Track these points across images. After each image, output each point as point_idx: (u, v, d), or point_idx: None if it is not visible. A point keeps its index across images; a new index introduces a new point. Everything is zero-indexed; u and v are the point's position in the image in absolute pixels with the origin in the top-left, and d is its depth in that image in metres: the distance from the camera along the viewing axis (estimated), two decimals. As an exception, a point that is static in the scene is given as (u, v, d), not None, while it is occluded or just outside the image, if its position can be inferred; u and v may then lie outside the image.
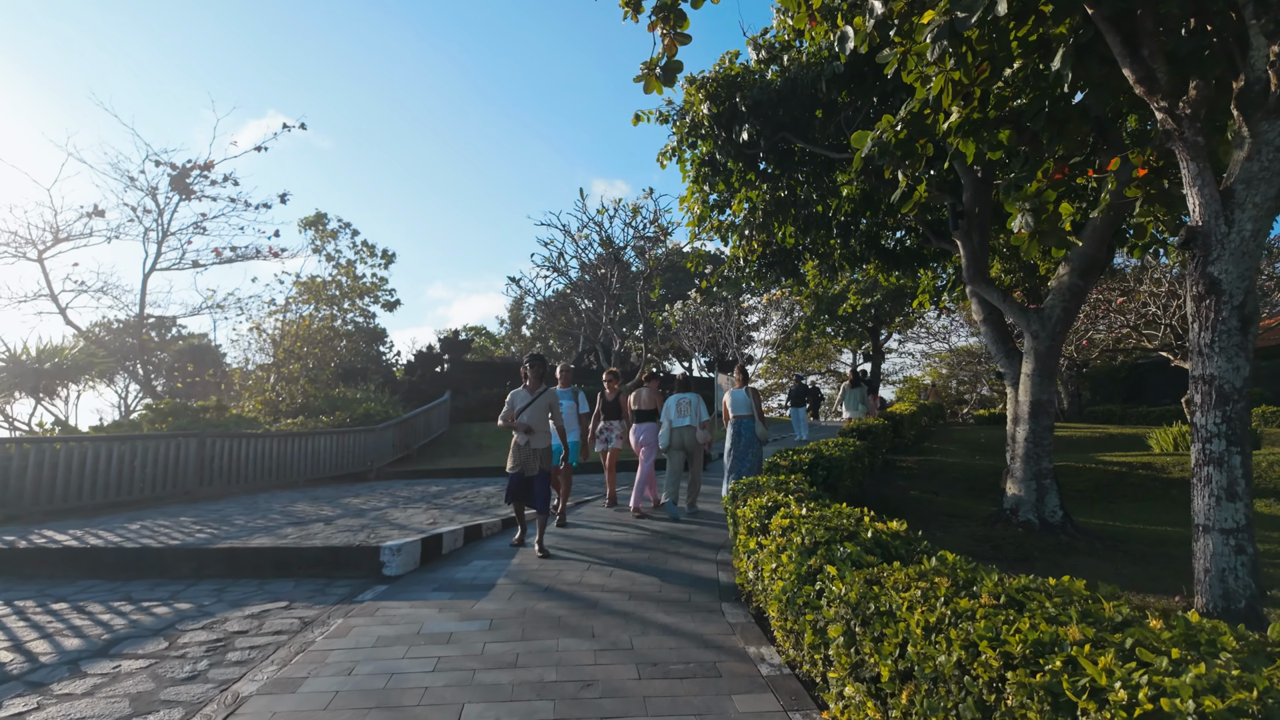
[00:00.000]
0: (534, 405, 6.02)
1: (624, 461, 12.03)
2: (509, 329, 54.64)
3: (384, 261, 21.55)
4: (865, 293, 26.59)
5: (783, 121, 7.68)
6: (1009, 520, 7.25)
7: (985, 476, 10.97)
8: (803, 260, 10.96)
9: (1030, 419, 7.21)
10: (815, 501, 4.28)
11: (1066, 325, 7.21)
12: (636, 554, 5.91)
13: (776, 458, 7.24)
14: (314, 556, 5.61)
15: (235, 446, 10.54)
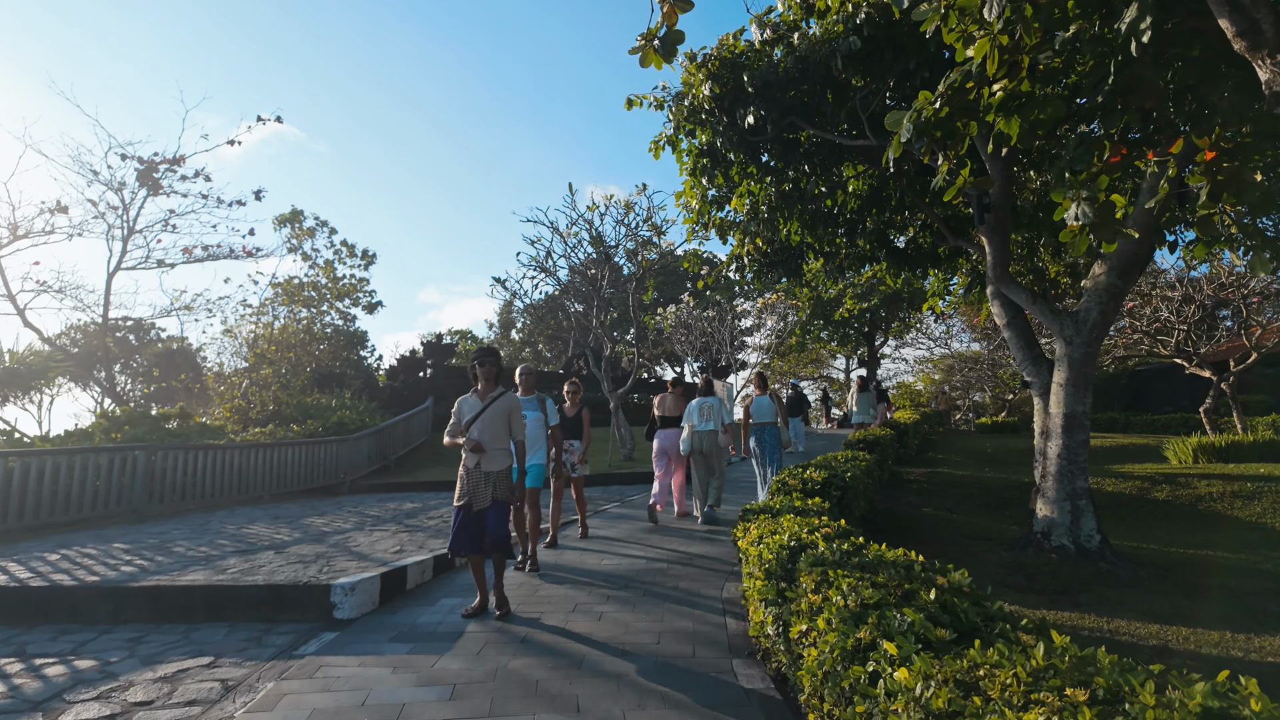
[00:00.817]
0: (486, 415, 4.67)
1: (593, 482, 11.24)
2: (498, 333, 53.76)
3: (364, 262, 20.68)
4: (862, 297, 26.02)
5: (792, 105, 6.98)
6: (1040, 545, 6.56)
7: (999, 491, 10.31)
8: (806, 259, 10.27)
9: (1064, 433, 6.53)
10: (847, 541, 3.54)
11: (1103, 330, 6.54)
12: (629, 589, 5.16)
13: (785, 475, 6.53)
14: (253, 596, 4.81)
15: (191, 459, 9.68)
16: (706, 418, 7.65)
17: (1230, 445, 10.87)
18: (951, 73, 4.76)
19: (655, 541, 6.85)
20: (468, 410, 4.76)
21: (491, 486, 4.62)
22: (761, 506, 4.76)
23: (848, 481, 6.44)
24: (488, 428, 4.67)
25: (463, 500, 4.60)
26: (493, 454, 4.64)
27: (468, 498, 4.57)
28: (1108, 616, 4.66)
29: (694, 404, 7.81)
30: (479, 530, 4.53)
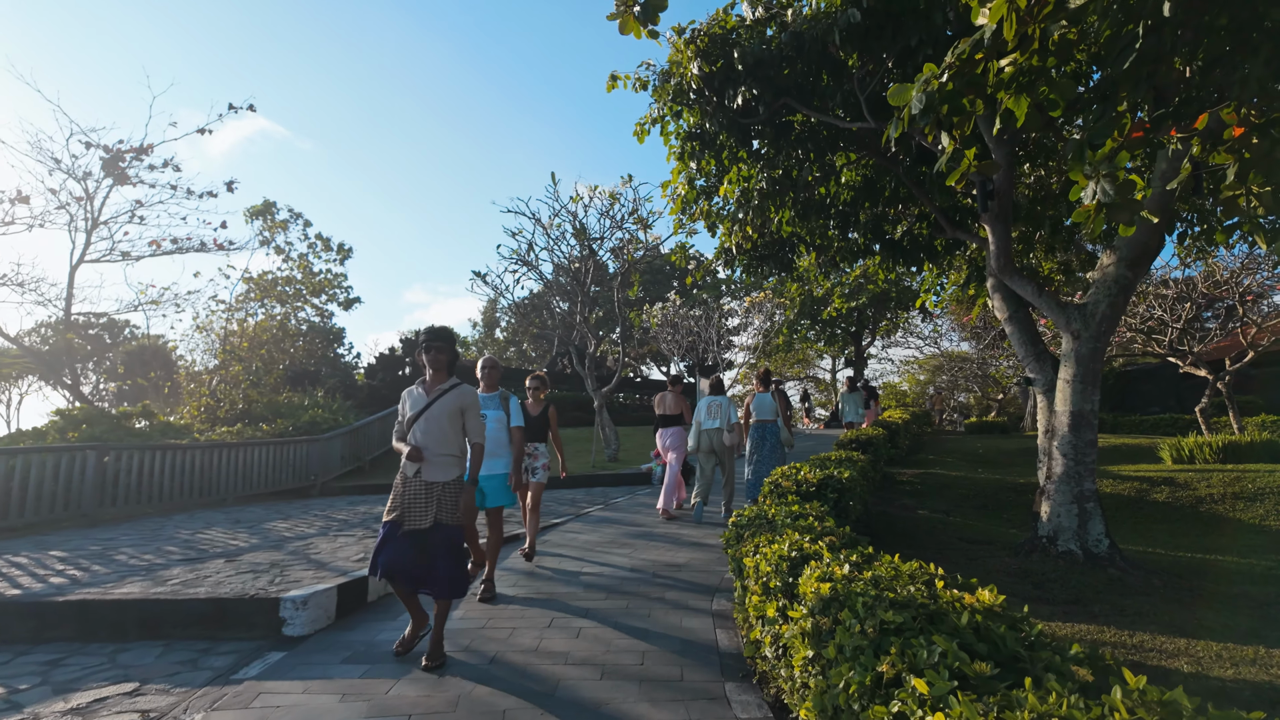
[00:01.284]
0: (432, 412, 3.77)
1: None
2: (482, 332, 53.06)
3: (339, 256, 20.05)
4: (850, 296, 25.78)
5: (785, 85, 6.60)
6: (1046, 550, 6.22)
7: (995, 493, 10.00)
8: (798, 252, 9.91)
9: (1070, 432, 6.20)
10: (855, 551, 3.15)
11: (1113, 323, 6.22)
12: (612, 600, 4.74)
13: (778, 477, 6.15)
14: (194, 612, 4.33)
15: (149, 460, 9.12)
16: (714, 416, 7.72)
17: (1227, 445, 10.65)
18: (960, 43, 4.40)
19: (640, 547, 6.43)
20: (411, 406, 3.85)
21: (434, 503, 3.64)
22: (755, 513, 4.36)
23: (844, 483, 6.06)
24: (433, 428, 3.76)
25: (393, 514, 3.64)
26: (437, 461, 3.72)
27: (399, 512, 3.62)
28: (1129, 630, 4.31)
29: (702, 402, 7.88)
30: (414, 556, 3.58)
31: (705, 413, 7.76)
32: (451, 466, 3.79)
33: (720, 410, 7.75)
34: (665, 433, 8.20)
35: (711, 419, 7.70)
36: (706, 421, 7.71)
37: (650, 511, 8.42)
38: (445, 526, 3.68)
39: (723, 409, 7.77)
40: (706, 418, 7.73)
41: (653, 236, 12.83)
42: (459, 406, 3.86)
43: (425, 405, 3.82)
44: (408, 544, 3.58)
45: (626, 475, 11.52)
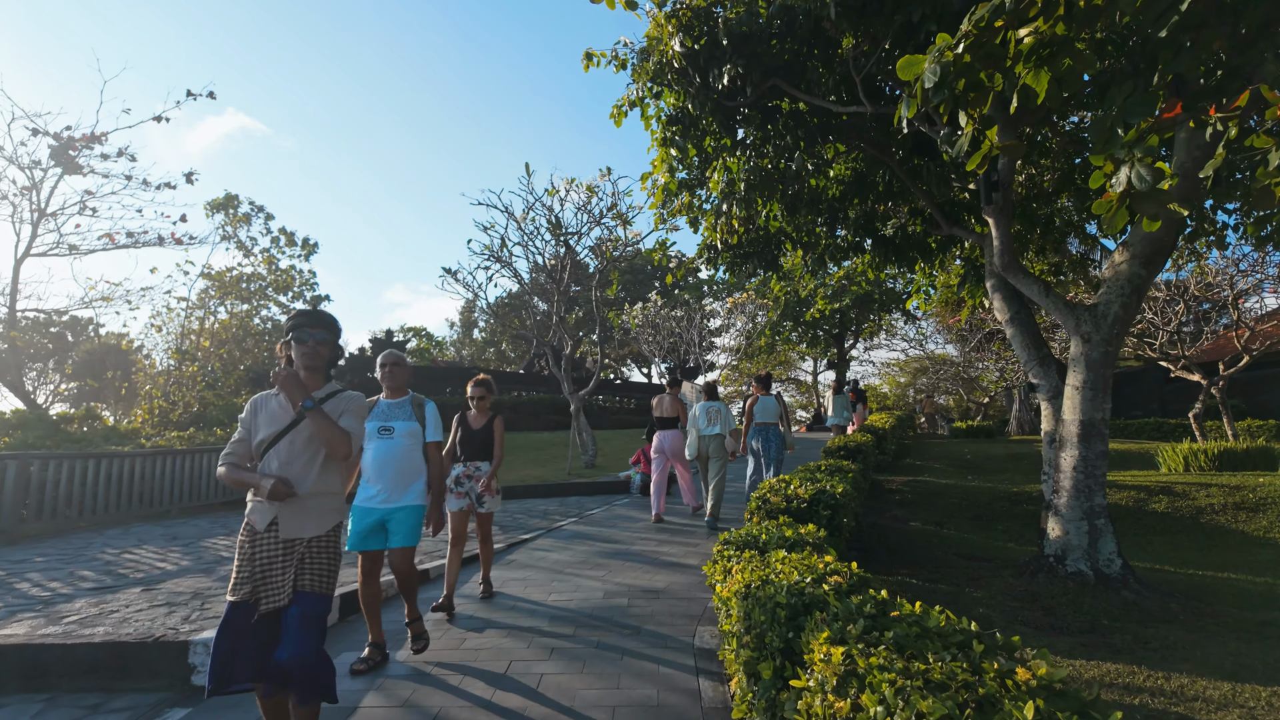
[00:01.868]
0: (300, 431, 2.62)
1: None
2: (459, 333, 52.15)
3: (304, 251, 19.19)
4: (833, 297, 25.43)
5: (774, 63, 6.08)
6: (1054, 570, 5.76)
7: (988, 502, 9.58)
8: (784, 250, 9.41)
9: (1080, 442, 5.74)
10: (867, 598, 2.60)
11: (1126, 325, 5.78)
12: (581, 637, 4.16)
13: (766, 491, 5.62)
14: (86, 658, 3.68)
15: (81, 469, 8.36)
16: (712, 422, 7.57)
17: (1223, 453, 10.35)
18: (978, 8, 3.89)
19: (615, 568, 5.86)
20: (266, 422, 2.63)
21: (294, 566, 2.51)
22: (743, 538, 3.81)
23: (838, 499, 5.54)
24: (300, 455, 2.59)
25: (241, 591, 2.46)
26: (308, 505, 2.58)
27: (249, 586, 2.46)
28: (1161, 670, 3.82)
29: (698, 407, 7.70)
30: (265, 644, 2.44)
31: (704, 418, 7.57)
32: (328, 512, 2.65)
33: (720, 416, 7.61)
34: (663, 435, 7.99)
35: (711, 425, 7.53)
36: (706, 428, 7.53)
37: (627, 525, 7.86)
38: (309, 597, 2.51)
39: (721, 415, 7.63)
40: (706, 424, 7.54)
41: (632, 233, 12.30)
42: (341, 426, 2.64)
43: (291, 422, 2.59)
44: (261, 631, 2.45)
45: (604, 484, 10.94)
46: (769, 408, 8.05)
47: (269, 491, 2.46)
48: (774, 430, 7.96)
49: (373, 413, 3.96)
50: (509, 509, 9.33)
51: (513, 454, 15.76)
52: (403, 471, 3.86)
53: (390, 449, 3.88)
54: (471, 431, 4.99)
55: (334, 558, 2.65)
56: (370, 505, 3.81)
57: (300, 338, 2.67)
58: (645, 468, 10.03)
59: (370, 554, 3.83)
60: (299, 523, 2.58)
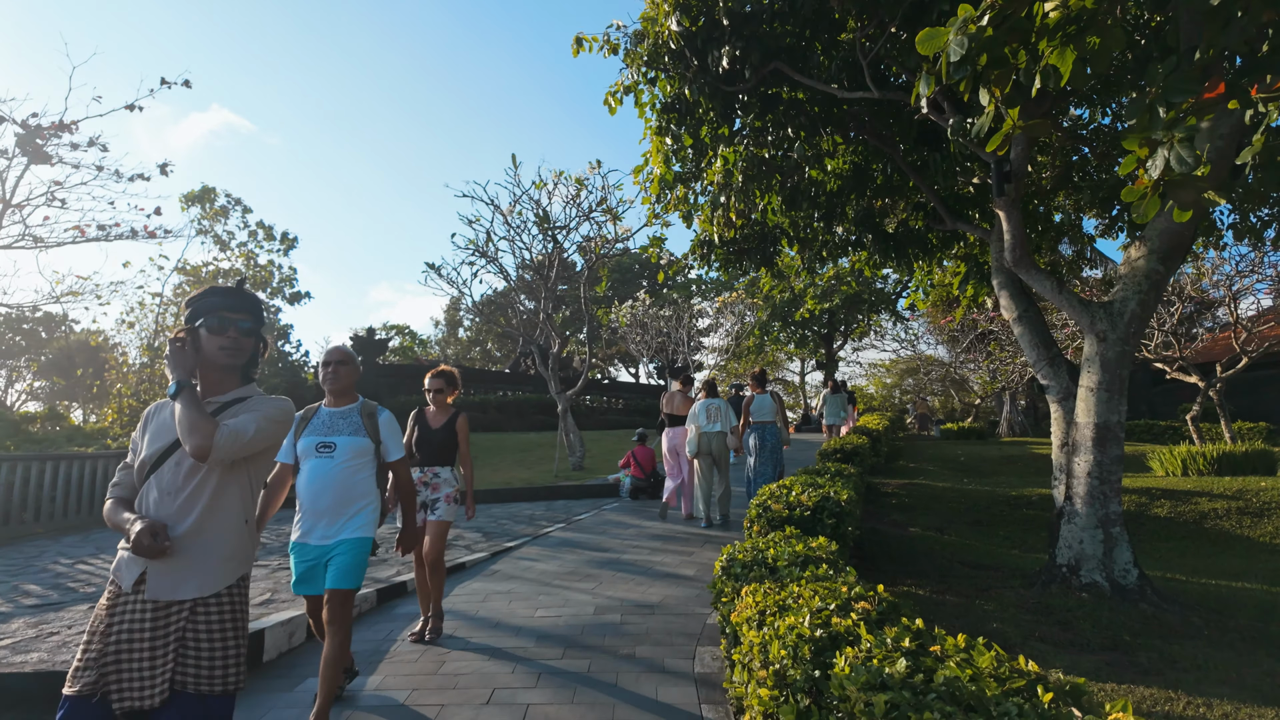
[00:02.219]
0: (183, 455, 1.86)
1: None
2: (445, 331, 51.52)
3: (284, 246, 18.62)
4: (823, 297, 25.24)
5: (776, 45, 5.76)
6: (1067, 581, 5.49)
7: (987, 506, 9.34)
8: (779, 247, 9.11)
9: (1095, 447, 5.47)
10: (902, 630, 2.28)
11: (1143, 324, 5.52)
12: (571, 659, 3.81)
13: (767, 498, 5.31)
14: (14, 690, 3.28)
15: (39, 471, 7.88)
16: (713, 419, 7.55)
17: (1223, 456, 10.19)
18: (1003, -26, 3.60)
19: (606, 580, 5.52)
20: (152, 435, 1.92)
21: (170, 647, 1.75)
22: (751, 553, 3.48)
23: (843, 506, 5.23)
24: (185, 482, 1.85)
25: (83, 679, 1.71)
26: (192, 549, 1.82)
27: (93, 672, 1.71)
28: (1200, 695, 3.54)
29: (699, 405, 7.69)
30: None
31: (705, 416, 7.57)
32: (223, 561, 1.86)
33: (720, 413, 7.59)
34: (673, 433, 8.09)
35: (712, 423, 7.52)
36: (707, 425, 7.51)
37: (617, 532, 7.52)
38: (190, 701, 1.74)
39: (722, 412, 7.60)
40: (706, 421, 7.53)
41: (622, 229, 11.96)
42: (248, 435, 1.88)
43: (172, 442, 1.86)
44: None
45: (592, 487, 10.58)
46: (765, 406, 8.00)
47: (133, 542, 1.69)
48: (771, 428, 7.92)
49: (310, 424, 3.16)
50: (493, 514, 8.95)
51: (498, 455, 15.36)
52: (344, 499, 3.05)
53: (329, 472, 3.05)
54: (429, 431, 4.34)
55: (235, 630, 1.85)
56: (306, 542, 3.06)
57: (217, 325, 1.90)
58: (635, 471, 9.70)
59: (314, 599, 3.16)
60: (175, 578, 1.77)
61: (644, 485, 9.68)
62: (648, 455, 9.78)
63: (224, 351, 1.93)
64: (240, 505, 1.94)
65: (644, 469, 9.66)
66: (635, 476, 9.71)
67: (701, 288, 32.78)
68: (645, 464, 9.69)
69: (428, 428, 4.37)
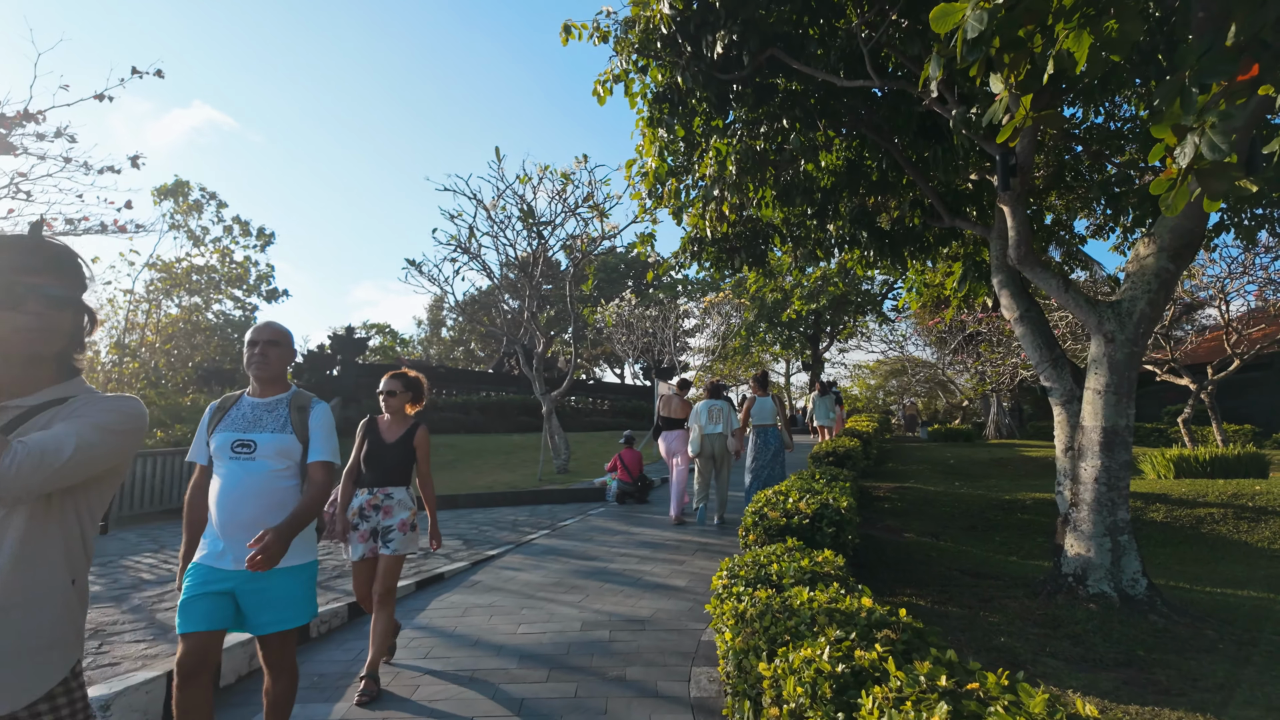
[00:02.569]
0: None
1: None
2: (427, 330, 50.89)
3: (260, 242, 18.09)
4: (810, 298, 25.12)
5: (773, 31, 5.51)
6: (1073, 591, 5.28)
7: (981, 511, 9.16)
8: (771, 244, 8.87)
9: (1102, 451, 5.27)
10: (935, 665, 2.01)
11: (1152, 323, 5.32)
12: (556, 682, 3.52)
13: (763, 505, 5.06)
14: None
15: None
16: (715, 421, 7.55)
17: (1215, 459, 10.11)
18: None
19: (594, 591, 5.22)
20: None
21: None
22: (752, 568, 3.21)
23: (844, 515, 4.99)
24: None
25: None
26: None
27: None
28: (1212, 714, 3.32)
29: (701, 406, 7.67)
30: None
31: (706, 417, 7.55)
32: (42, 659, 1.27)
33: (722, 415, 7.58)
34: (669, 435, 8.07)
35: (714, 424, 7.51)
36: (709, 427, 7.50)
37: (604, 539, 7.23)
38: None
39: (724, 414, 7.60)
40: (708, 422, 7.52)
41: (609, 226, 11.66)
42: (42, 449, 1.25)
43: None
44: None
45: (578, 491, 10.28)
46: (766, 409, 7.91)
47: None
48: (773, 431, 7.81)
49: (227, 417, 2.50)
50: (474, 520, 8.62)
51: (481, 457, 15.00)
52: (269, 511, 2.35)
53: (249, 477, 2.40)
54: (382, 445, 3.64)
55: None
56: (217, 566, 2.34)
57: (6, 295, 1.26)
58: (622, 474, 9.42)
59: (200, 638, 2.27)
60: None
61: (631, 489, 9.40)
62: (635, 459, 9.50)
63: (22, 335, 1.28)
64: (64, 561, 1.31)
65: (631, 473, 9.37)
66: (622, 480, 9.43)
67: (688, 288, 32.59)
68: (633, 467, 9.41)
69: (380, 440, 3.67)
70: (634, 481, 9.37)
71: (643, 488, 9.46)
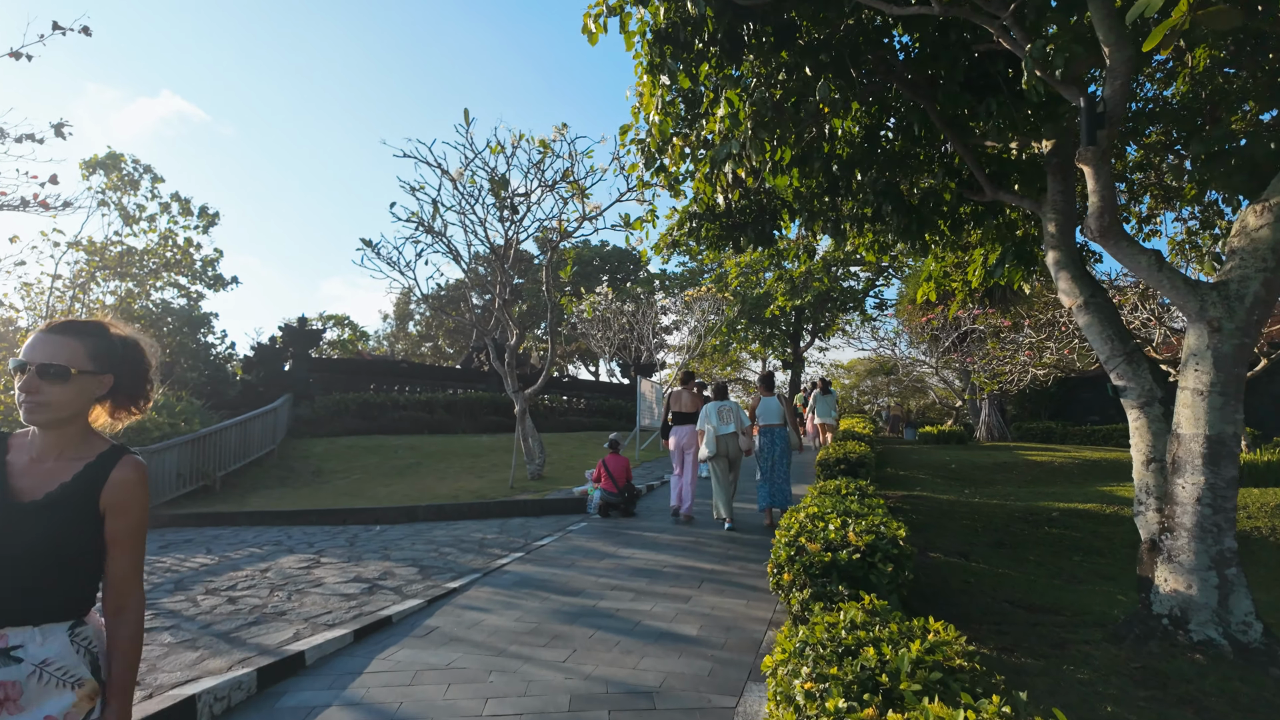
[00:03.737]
0: None
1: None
2: (394, 325, 48.98)
3: (202, 223, 16.39)
4: (793, 294, 24.25)
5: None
6: (1169, 636, 4.32)
7: (1005, 525, 8.26)
8: (780, 220, 7.84)
9: (1206, 466, 4.31)
10: None
11: (1268, 309, 4.39)
12: None
13: (798, 535, 4.01)
14: None
15: None
16: (726, 420, 7.42)
17: (1244, 466, 9.37)
18: None
19: (581, 642, 4.09)
20: None
21: None
22: (848, 671, 2.12)
23: (902, 548, 3.95)
24: None
25: None
26: None
27: None
28: None
29: (711, 406, 7.50)
30: None
31: (717, 417, 7.38)
32: None
33: (733, 414, 7.44)
34: (680, 430, 7.91)
35: (725, 424, 7.37)
36: (721, 427, 7.34)
37: (589, 565, 6.11)
38: None
39: (734, 413, 7.46)
40: (719, 423, 7.36)
41: (591, 206, 10.52)
42: None
43: None
44: None
45: (555, 501, 9.11)
46: (772, 409, 7.75)
47: None
48: (780, 431, 7.64)
49: None
50: (434, 539, 7.42)
51: (446, 461, 13.72)
52: None
53: None
54: (9, 511, 1.43)
55: None
56: None
57: None
58: (607, 484, 8.30)
59: None
60: None
61: (616, 501, 8.28)
62: (621, 466, 8.38)
63: None
64: None
65: (617, 482, 8.26)
66: (607, 491, 8.32)
67: (666, 283, 31.51)
68: (619, 476, 8.29)
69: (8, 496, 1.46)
70: (620, 492, 8.27)
71: (629, 499, 8.36)
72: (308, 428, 16.15)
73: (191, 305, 18.33)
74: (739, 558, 6.17)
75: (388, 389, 18.77)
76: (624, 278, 34.13)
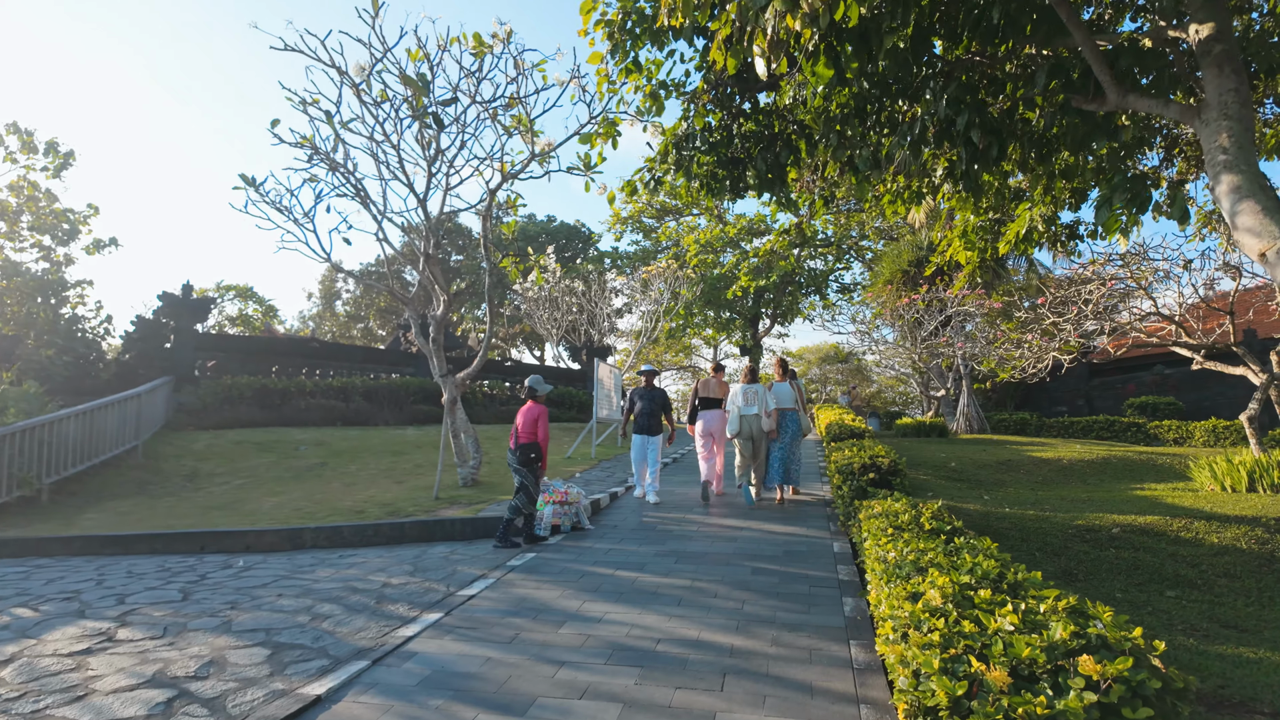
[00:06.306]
0: None
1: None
2: (320, 305, 45.15)
3: (53, 163, 13.24)
4: (757, 274, 22.57)
5: None
6: None
7: (1063, 544, 6.72)
8: (797, 155, 5.92)
9: None
10: None
11: None
12: None
13: (971, 663, 2.04)
14: None
15: None
16: (750, 403, 7.73)
17: None
18: None
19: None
20: None
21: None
22: None
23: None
24: None
25: None
26: None
27: None
28: None
29: (738, 389, 7.89)
30: None
31: (743, 399, 7.76)
32: None
33: (758, 397, 7.76)
34: (708, 415, 8.20)
35: (750, 405, 7.71)
36: (745, 408, 7.71)
37: (542, 645, 4.07)
38: None
39: (759, 396, 7.78)
40: (745, 404, 7.73)
41: (541, 144, 8.33)
42: None
43: None
44: None
45: (491, 521, 6.95)
46: (785, 393, 8.13)
47: None
48: (791, 415, 8.05)
49: None
50: (315, 580, 5.22)
51: (358, 461, 11.33)
52: None
53: None
54: None
55: None
56: None
57: None
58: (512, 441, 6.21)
59: None
60: None
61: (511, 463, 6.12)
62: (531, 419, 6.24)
63: None
64: None
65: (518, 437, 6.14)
66: (558, 504, 6.25)
67: (619, 262, 29.40)
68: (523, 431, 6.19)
69: None
70: (514, 452, 6.20)
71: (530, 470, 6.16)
72: (191, 419, 13.41)
73: (51, 270, 15.17)
74: (764, 619, 4.23)
75: (295, 372, 16.05)
76: (573, 255, 31.81)
